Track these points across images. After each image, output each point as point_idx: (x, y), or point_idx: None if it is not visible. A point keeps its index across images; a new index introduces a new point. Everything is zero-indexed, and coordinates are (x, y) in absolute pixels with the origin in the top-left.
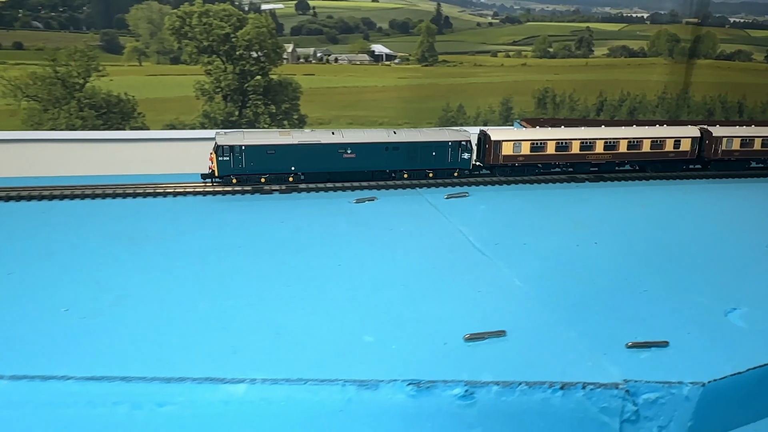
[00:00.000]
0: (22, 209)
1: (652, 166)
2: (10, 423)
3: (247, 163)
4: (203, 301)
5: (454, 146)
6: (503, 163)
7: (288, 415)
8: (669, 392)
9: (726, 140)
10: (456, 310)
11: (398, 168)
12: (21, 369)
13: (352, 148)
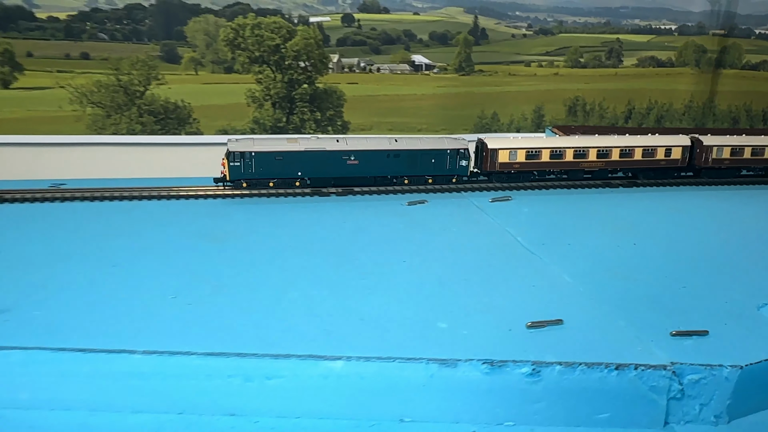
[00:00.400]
0: (108, 209)
1: (644, 173)
2: (142, 391)
3: (256, 168)
4: (291, 291)
5: (452, 154)
6: (500, 170)
7: (378, 389)
8: (710, 374)
9: (716, 149)
10: (515, 302)
11: (399, 174)
12: (149, 346)
13: (355, 155)
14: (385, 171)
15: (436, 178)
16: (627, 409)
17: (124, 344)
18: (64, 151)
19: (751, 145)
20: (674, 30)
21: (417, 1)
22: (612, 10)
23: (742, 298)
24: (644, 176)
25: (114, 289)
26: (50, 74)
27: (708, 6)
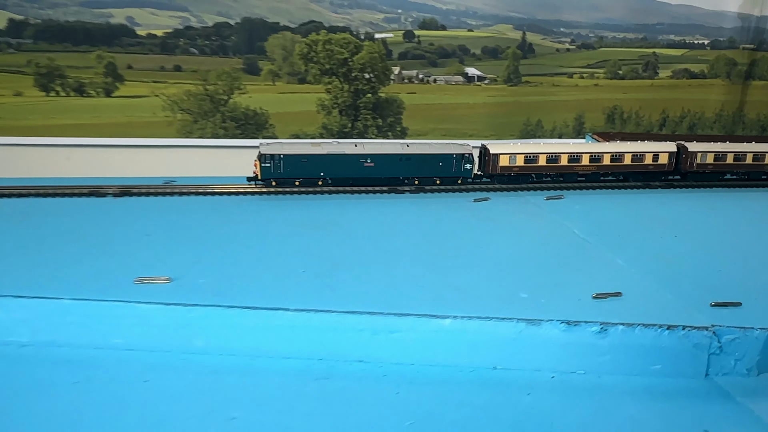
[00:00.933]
0: (212, 202)
1: (633, 176)
2: (291, 340)
3: (284, 169)
4: (396, 268)
5: (457, 158)
6: (501, 173)
7: (477, 342)
8: (743, 335)
9: (700, 155)
10: (579, 279)
11: (410, 175)
12: (297, 305)
13: (371, 159)
14: (397, 173)
15: (443, 179)
16: (675, 362)
17: (279, 304)
18: (157, 152)
19: (733, 152)
20: (707, 44)
21: (471, 19)
22: (649, 26)
23: (753, 282)
24: (633, 179)
25: (252, 264)
26: (147, 84)
27: (739, 22)
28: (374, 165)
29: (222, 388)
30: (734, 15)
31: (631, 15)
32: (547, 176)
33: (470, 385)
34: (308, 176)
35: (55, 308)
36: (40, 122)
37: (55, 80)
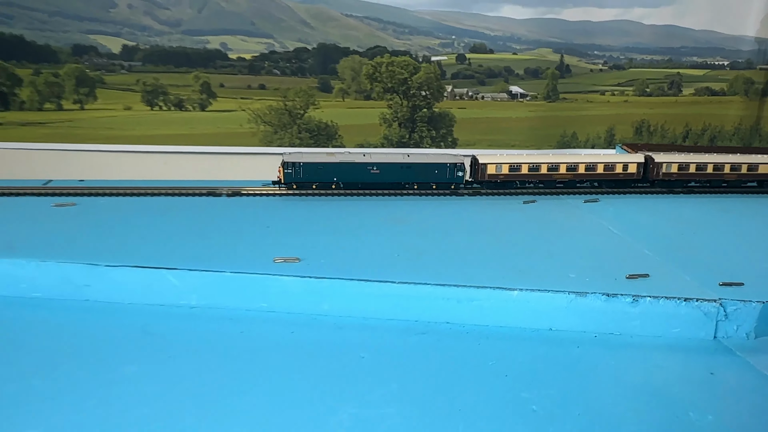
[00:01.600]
0: (297, 203)
1: (606, 184)
2: (394, 305)
3: (303, 174)
4: (470, 254)
5: (451, 167)
6: (488, 179)
7: (537, 309)
8: (744, 306)
9: (665, 165)
10: (615, 264)
11: (410, 181)
12: (402, 279)
13: (377, 167)
14: (399, 179)
15: (438, 185)
16: (690, 327)
17: (385, 278)
18: (242, 159)
19: (695, 162)
20: (726, 65)
21: (515, 44)
22: (674, 50)
23: (755, 266)
24: (606, 186)
25: (358, 248)
26: (235, 100)
27: (756, 46)
28: (380, 172)
29: (348, 338)
30: (752, 39)
31: (658, 39)
32: (529, 183)
33: (532, 341)
34: (323, 181)
35: (217, 279)
36: (145, 132)
37: (159, 97)
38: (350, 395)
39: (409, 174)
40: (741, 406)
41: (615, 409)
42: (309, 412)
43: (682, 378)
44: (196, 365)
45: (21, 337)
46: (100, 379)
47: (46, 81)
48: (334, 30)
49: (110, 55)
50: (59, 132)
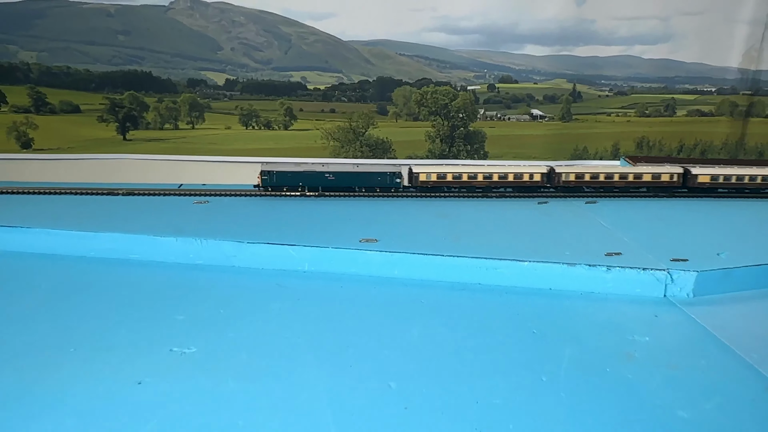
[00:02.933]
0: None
1: (517, 189)
2: (445, 272)
3: (276, 180)
4: (495, 238)
5: (390, 174)
6: (420, 185)
7: (541, 275)
8: (684, 274)
9: (564, 174)
10: (598, 245)
11: (358, 185)
12: (449, 253)
13: (332, 174)
14: (349, 183)
15: (381, 188)
16: (647, 288)
17: (436, 252)
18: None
19: (590, 172)
20: (714, 91)
21: (536, 75)
22: (669, 79)
23: (711, 251)
24: (516, 190)
25: (416, 234)
26: (311, 121)
27: (739, 75)
28: (334, 179)
29: (411, 293)
30: (735, 70)
31: (655, 70)
32: (454, 188)
33: (537, 296)
34: (291, 185)
35: (322, 252)
36: (240, 146)
37: (252, 119)
38: (415, 324)
39: (357, 180)
40: (671, 332)
41: (587, 335)
42: (389, 328)
43: (635, 318)
44: (315, 305)
45: (191, 292)
46: (256, 315)
47: (166, 107)
48: (390, 66)
49: (216, 87)
50: (175, 146)
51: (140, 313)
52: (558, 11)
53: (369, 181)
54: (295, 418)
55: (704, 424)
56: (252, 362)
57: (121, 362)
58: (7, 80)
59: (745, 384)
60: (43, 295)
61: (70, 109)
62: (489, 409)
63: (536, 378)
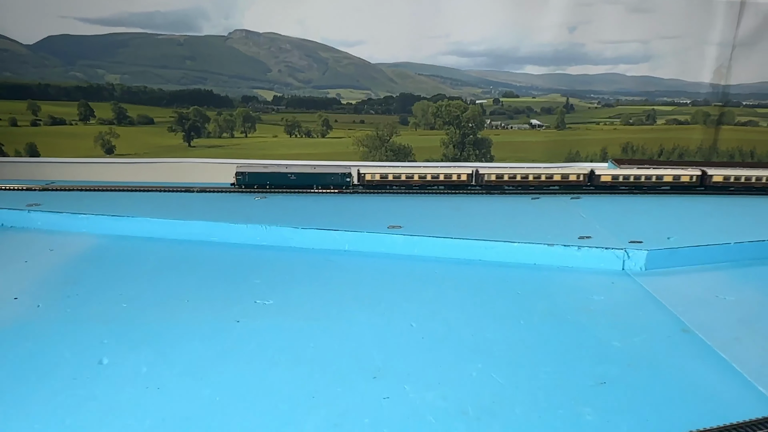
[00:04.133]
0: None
1: (448, 187)
2: (454, 250)
3: (248, 180)
4: (493, 225)
5: (342, 174)
6: (367, 183)
7: (527, 252)
8: (638, 252)
9: (486, 174)
10: (574, 231)
11: (315, 184)
12: (458, 236)
13: (294, 174)
14: (308, 182)
15: (335, 186)
16: (608, 263)
17: (447, 234)
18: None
19: (509, 173)
20: (689, 103)
21: (534, 91)
22: (649, 92)
23: (663, 235)
24: (446, 188)
25: (433, 222)
26: (344, 131)
27: (710, 89)
28: (295, 178)
29: (427, 267)
30: (707, 84)
31: (638, 86)
32: (394, 186)
33: (524, 269)
34: (261, 184)
35: (358, 235)
36: (284, 152)
37: (295, 129)
38: (429, 287)
39: (315, 179)
40: (621, 294)
41: (557, 295)
42: (409, 291)
43: (597, 284)
44: (354, 274)
45: (261, 264)
46: (311, 280)
47: (224, 119)
48: (411, 84)
49: (265, 102)
50: (232, 152)
51: (228, 278)
52: (553, 37)
53: (324, 180)
54: (348, 345)
55: (631, 351)
56: (313, 310)
57: (222, 309)
58: (95, 98)
59: (667, 326)
60: (153, 267)
61: (145, 121)
62: (482, 340)
63: (516, 322)
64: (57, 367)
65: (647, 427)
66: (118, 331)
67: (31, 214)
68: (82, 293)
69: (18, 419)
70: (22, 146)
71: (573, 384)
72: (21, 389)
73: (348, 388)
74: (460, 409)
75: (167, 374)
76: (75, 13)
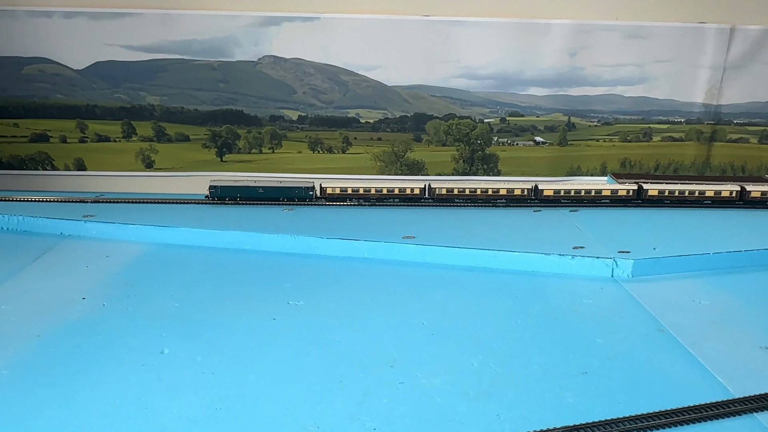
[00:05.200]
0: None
1: (403, 199)
2: (461, 258)
3: (220, 193)
4: (496, 236)
5: (305, 188)
6: (328, 196)
7: (526, 261)
8: (625, 261)
9: (437, 189)
10: (569, 242)
11: (281, 196)
12: (467, 245)
13: (262, 188)
14: (275, 195)
15: (298, 199)
16: (599, 270)
17: (454, 244)
18: (358, 181)
19: (456, 186)
20: (683, 121)
21: (538, 110)
22: (645, 112)
23: (649, 246)
24: (402, 200)
25: (443, 233)
26: (362, 147)
27: (703, 108)
28: (263, 191)
29: (436, 273)
30: (700, 104)
31: (635, 106)
32: (353, 198)
33: (524, 276)
34: (231, 197)
35: (376, 245)
36: (308, 166)
37: (318, 145)
38: (439, 290)
39: (281, 192)
40: (609, 298)
41: (551, 298)
42: (421, 293)
43: (587, 289)
44: (373, 279)
45: (291, 270)
46: (336, 284)
47: (253, 136)
48: (424, 104)
49: (291, 121)
50: (260, 166)
51: (263, 282)
52: (555, 61)
53: (289, 194)
54: (368, 339)
55: (611, 346)
56: (338, 309)
57: (260, 309)
58: (137, 117)
59: (646, 326)
60: (196, 272)
61: (182, 138)
62: (483, 336)
63: (513, 321)
64: (127, 356)
65: (618, 408)
66: (174, 326)
67: (87, 224)
68: (139, 294)
69: (101, 397)
70: (71, 161)
71: (559, 373)
72: (100, 372)
73: (369, 374)
74: (462, 392)
75: (218, 362)
76: (120, 41)
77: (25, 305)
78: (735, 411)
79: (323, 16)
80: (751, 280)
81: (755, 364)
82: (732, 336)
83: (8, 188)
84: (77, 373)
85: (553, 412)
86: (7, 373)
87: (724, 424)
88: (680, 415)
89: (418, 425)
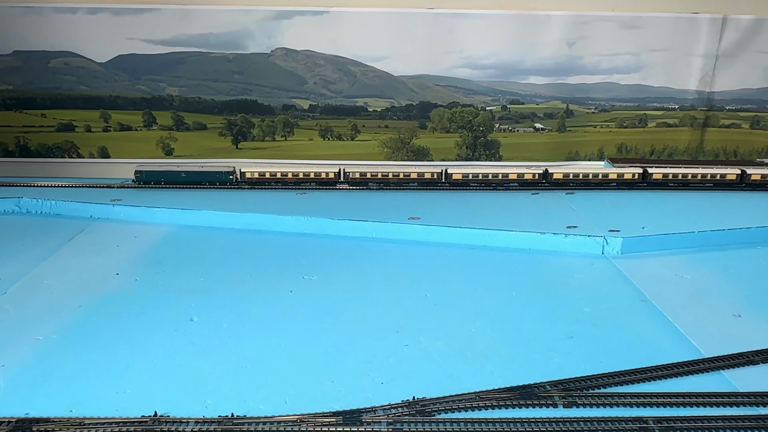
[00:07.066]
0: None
1: (319, 183)
2: (463, 237)
3: (145, 177)
4: (497, 217)
5: (225, 172)
6: (246, 180)
7: (524, 240)
8: (615, 239)
9: (351, 173)
10: (564, 222)
11: (203, 180)
12: (469, 225)
13: (183, 172)
14: (197, 179)
15: (220, 182)
16: (590, 248)
17: (456, 224)
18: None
19: (370, 171)
20: (677, 108)
21: (538, 98)
22: (641, 99)
23: (638, 225)
24: (318, 184)
25: (444, 215)
26: (370, 134)
27: (696, 95)
28: (186, 175)
29: (439, 251)
30: (693, 91)
31: (631, 93)
32: (274, 182)
33: (522, 253)
34: (156, 180)
35: (384, 225)
36: (319, 153)
37: (328, 133)
38: (442, 267)
39: (202, 176)
40: (598, 272)
41: (544, 274)
42: (426, 269)
43: (578, 265)
44: (380, 256)
45: (305, 248)
46: (346, 261)
47: (267, 125)
48: (429, 93)
49: (302, 110)
50: (273, 153)
51: (279, 260)
52: (554, 51)
53: (210, 177)
54: (376, 309)
55: (597, 315)
56: (349, 283)
57: (278, 283)
58: (157, 107)
59: (630, 297)
60: (219, 251)
61: (199, 127)
62: (481, 306)
63: (510, 293)
64: (161, 323)
65: (599, 366)
66: (201, 298)
67: (115, 208)
68: (168, 270)
69: (141, 356)
70: (95, 149)
71: (548, 337)
72: (138, 337)
73: (377, 338)
74: (461, 354)
75: (242, 328)
76: (141, 35)
77: (65, 280)
78: (704, 368)
79: (333, 10)
80: (733, 257)
81: (727, 330)
82: (709, 306)
83: (37, 175)
84: (118, 337)
85: (541, 370)
86: (57, 338)
87: (692, 379)
88: (654, 372)
89: (420, 380)
